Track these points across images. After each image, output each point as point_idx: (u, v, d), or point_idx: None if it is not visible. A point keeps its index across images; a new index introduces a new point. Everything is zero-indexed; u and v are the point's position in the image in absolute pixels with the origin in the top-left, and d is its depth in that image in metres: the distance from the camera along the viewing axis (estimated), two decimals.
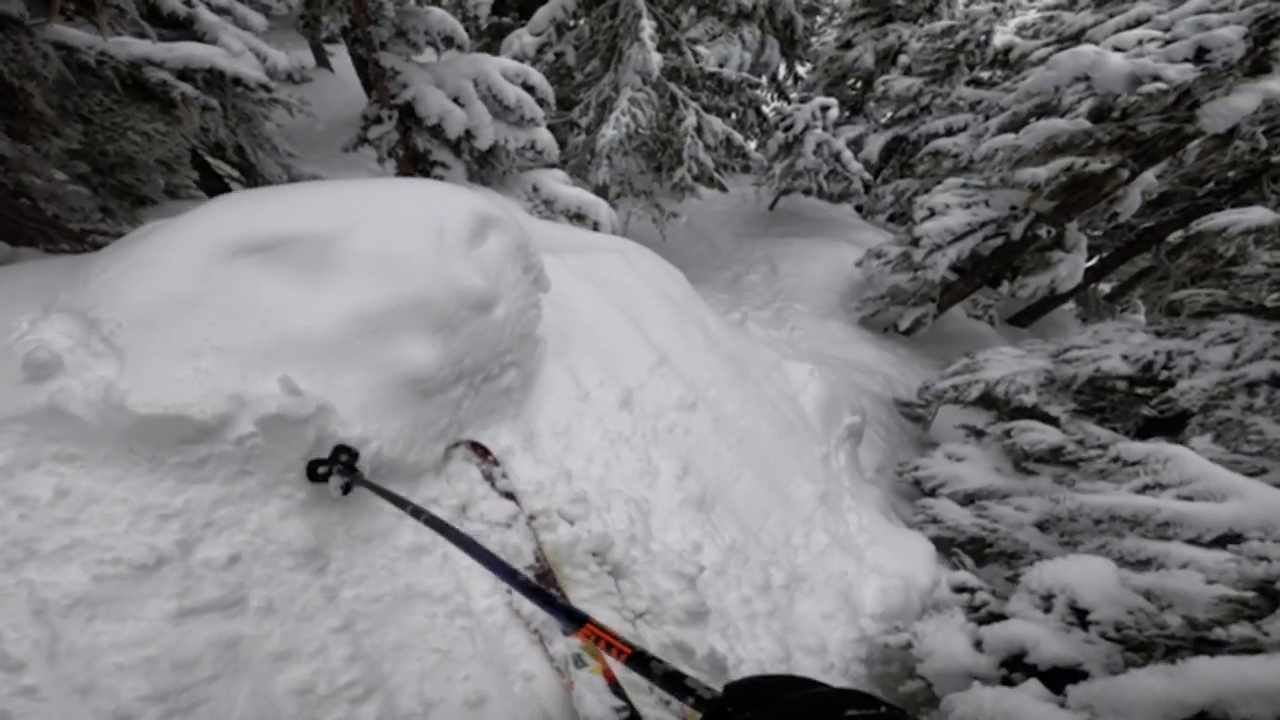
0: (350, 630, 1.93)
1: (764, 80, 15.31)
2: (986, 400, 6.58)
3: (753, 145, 13.95)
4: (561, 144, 9.75)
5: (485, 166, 5.70)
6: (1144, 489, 4.13)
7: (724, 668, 2.54)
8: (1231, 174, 9.37)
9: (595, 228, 5.65)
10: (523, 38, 8.07)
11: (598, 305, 3.69)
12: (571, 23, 8.10)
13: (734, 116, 11.18)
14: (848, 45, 14.80)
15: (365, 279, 2.25)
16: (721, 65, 12.32)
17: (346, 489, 2.07)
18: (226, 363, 1.96)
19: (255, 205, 2.35)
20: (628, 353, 3.58)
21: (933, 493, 6.17)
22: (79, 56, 4.33)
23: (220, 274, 2.08)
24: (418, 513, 1.79)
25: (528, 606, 2.40)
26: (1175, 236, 10.48)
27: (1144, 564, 3.90)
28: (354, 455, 2.10)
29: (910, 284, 8.39)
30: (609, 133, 7.15)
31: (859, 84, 15.00)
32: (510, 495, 2.61)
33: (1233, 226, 5.38)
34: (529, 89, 5.41)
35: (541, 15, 7.94)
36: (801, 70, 16.78)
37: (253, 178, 8.38)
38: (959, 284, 8.53)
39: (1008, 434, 5.83)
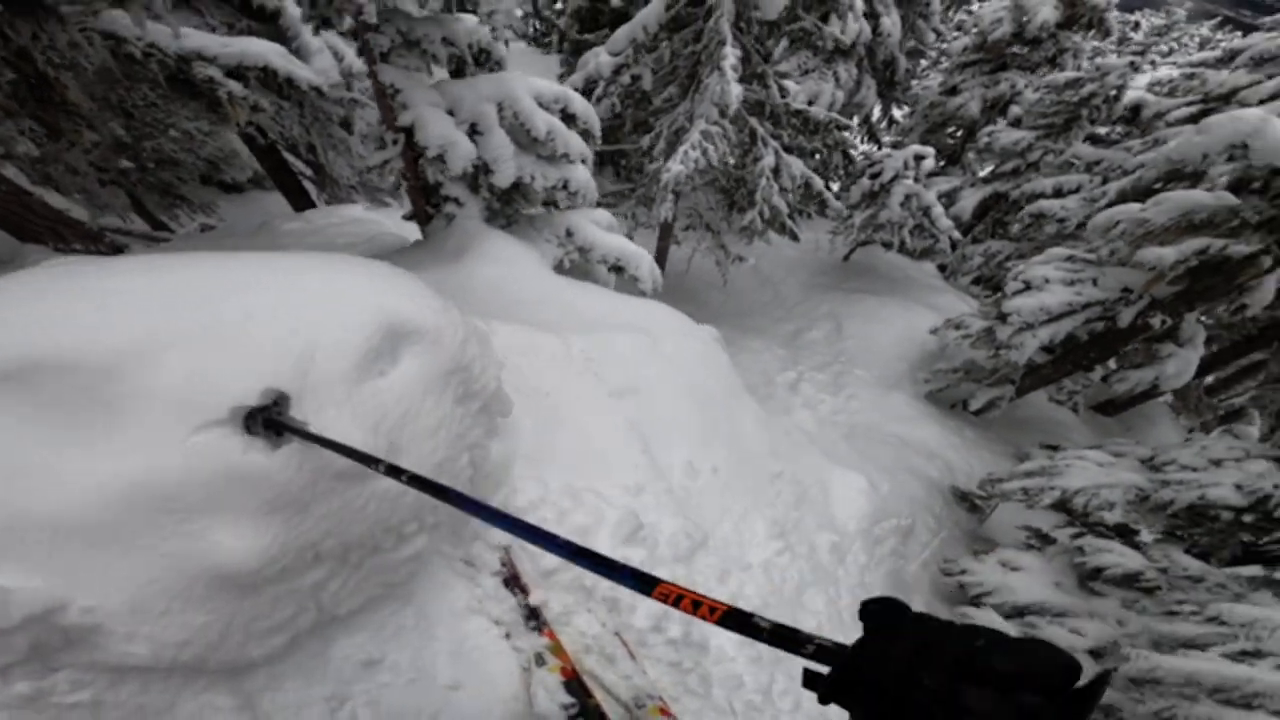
0: None
1: (855, 121, 14.64)
2: (1060, 505, 5.75)
3: (836, 187, 13.28)
4: (636, 170, 9.46)
5: (508, 205, 5.13)
6: (1240, 654, 3.42)
7: None
8: None
9: (635, 283, 5.20)
10: (600, 57, 7.78)
11: (597, 415, 3.17)
12: (651, 45, 7.75)
13: (818, 157, 10.59)
14: (952, 91, 13.96)
15: (160, 433, 1.55)
16: (811, 102, 11.78)
17: None
18: None
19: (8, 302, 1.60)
20: (623, 479, 3.06)
21: (976, 600, 5.44)
22: (126, 48, 4.27)
23: None
24: (395, 471, 1.46)
25: (495, 609, 2.42)
26: None
27: None
28: None
29: (989, 361, 7.55)
30: (675, 167, 6.74)
31: (960, 133, 14.13)
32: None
33: None
34: (568, 118, 4.81)
35: (621, 35, 7.63)
36: (898, 114, 15.97)
37: (323, 176, 8.51)
38: (1046, 368, 7.62)
39: (1080, 550, 5.05)
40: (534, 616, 2.51)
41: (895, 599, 0.66)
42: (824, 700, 0.63)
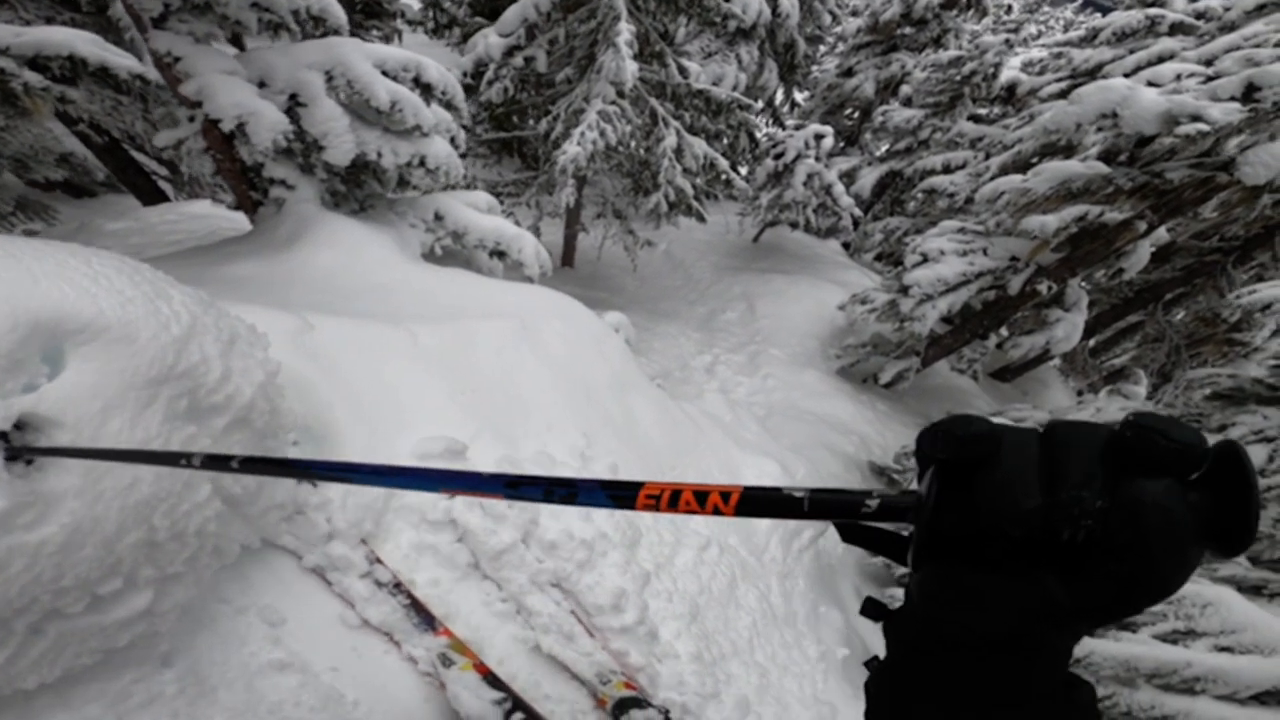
0: None
1: (759, 104, 14.30)
2: None
3: (745, 171, 12.93)
4: (545, 159, 8.77)
5: (358, 186, 4.23)
6: (1172, 634, 3.15)
7: None
8: (1242, 230, 8.36)
9: (520, 268, 4.51)
10: (489, 38, 6.91)
11: (452, 414, 2.56)
12: (545, 24, 6.97)
13: (725, 140, 10.14)
14: (848, 73, 13.83)
15: None
16: (715, 84, 11.28)
17: None
18: None
19: None
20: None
21: (901, 581, 5.15)
22: None
23: None
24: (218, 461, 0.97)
25: (376, 613, 2.06)
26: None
27: None
28: None
29: (895, 334, 7.33)
30: (572, 149, 6.05)
31: (856, 114, 14.04)
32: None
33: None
34: (424, 87, 3.94)
35: (512, 14, 6.80)
36: (799, 97, 15.76)
37: (179, 174, 7.29)
38: (947, 338, 7.48)
39: None
40: (418, 612, 2.15)
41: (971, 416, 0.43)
42: (918, 566, 0.44)
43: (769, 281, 9.22)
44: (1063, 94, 10.85)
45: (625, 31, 6.39)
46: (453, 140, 4.10)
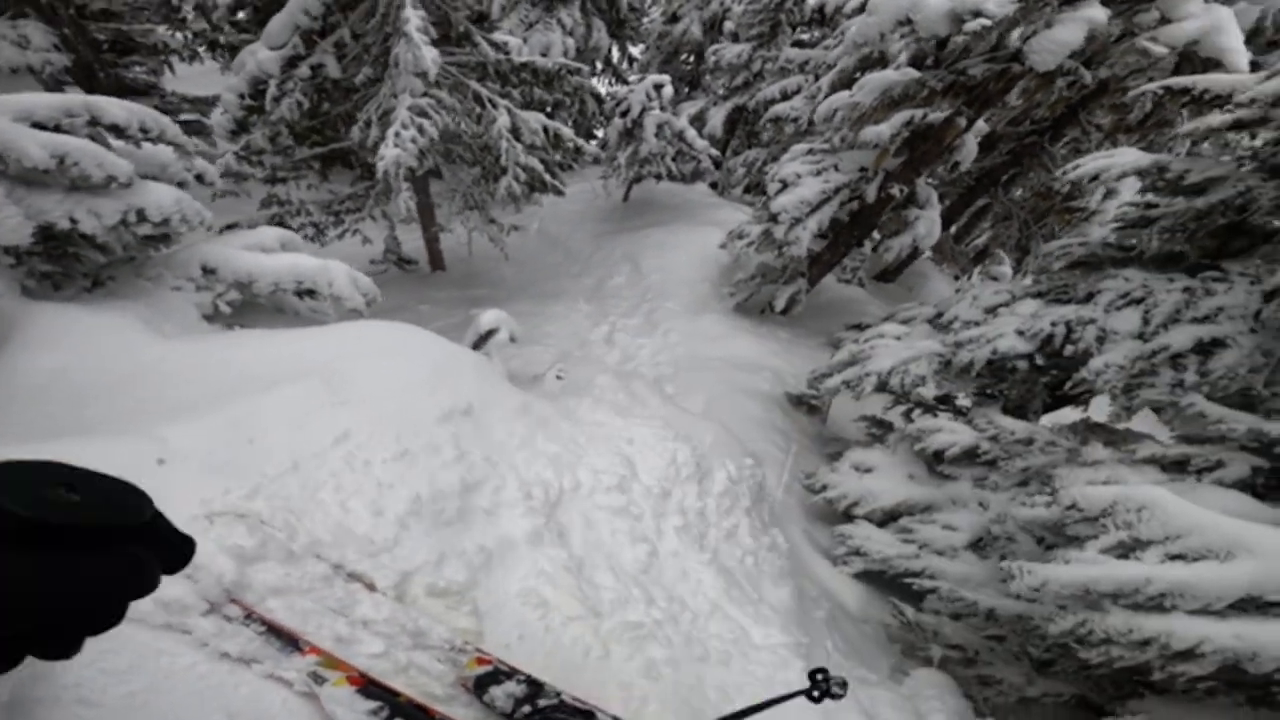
0: None
1: (597, 65, 13.45)
2: (881, 389, 5.29)
3: (602, 134, 12.18)
4: (372, 167, 7.62)
5: (76, 260, 3.06)
6: (1118, 547, 2.84)
7: None
8: (1046, 112, 8.56)
9: (341, 302, 3.62)
10: (259, 53, 5.67)
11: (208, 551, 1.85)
12: (320, 27, 5.81)
13: (572, 107, 9.31)
14: (674, 18, 13.24)
15: None
16: (544, 54, 10.33)
17: None
18: None
19: None
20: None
21: (848, 514, 4.84)
22: None
23: None
24: None
25: (235, 646, 1.79)
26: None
27: (1143, 644, 2.65)
28: None
29: (777, 261, 7.00)
30: (390, 152, 5.10)
31: (691, 57, 13.53)
32: None
33: (1107, 171, 4.19)
34: (111, 129, 2.95)
35: (278, 24, 5.58)
36: (635, 51, 14.99)
37: None
38: (826, 254, 7.24)
39: (917, 436, 4.55)
40: (277, 636, 1.91)
41: None
42: None
43: (648, 236, 8.63)
44: (863, 8, 10.75)
45: (414, 18, 5.44)
46: (199, 177, 3.12)
